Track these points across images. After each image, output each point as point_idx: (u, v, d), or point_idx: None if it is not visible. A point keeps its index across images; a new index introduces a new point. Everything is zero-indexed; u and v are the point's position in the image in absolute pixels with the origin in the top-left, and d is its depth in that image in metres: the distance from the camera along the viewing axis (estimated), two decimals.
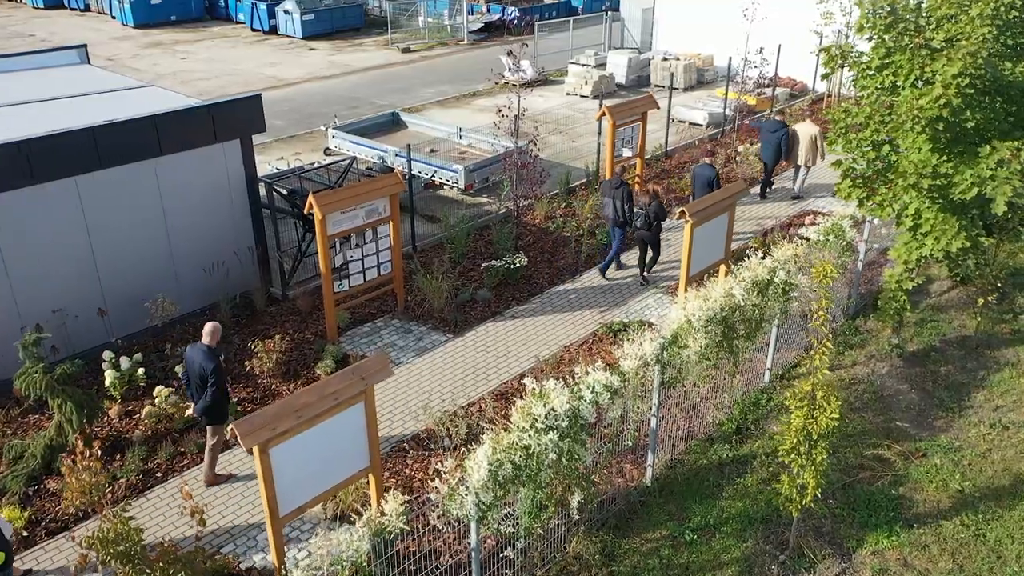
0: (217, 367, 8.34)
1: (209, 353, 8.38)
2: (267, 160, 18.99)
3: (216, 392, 8.33)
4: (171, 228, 11.39)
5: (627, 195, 12.93)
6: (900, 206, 9.73)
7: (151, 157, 10.92)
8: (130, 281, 11.04)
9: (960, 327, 11.85)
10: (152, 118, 10.86)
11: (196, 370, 8.40)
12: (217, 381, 8.29)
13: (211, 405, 8.41)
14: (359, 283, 11.64)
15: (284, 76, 28.63)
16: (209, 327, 8.51)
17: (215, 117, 11.46)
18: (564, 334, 11.88)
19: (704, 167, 14.37)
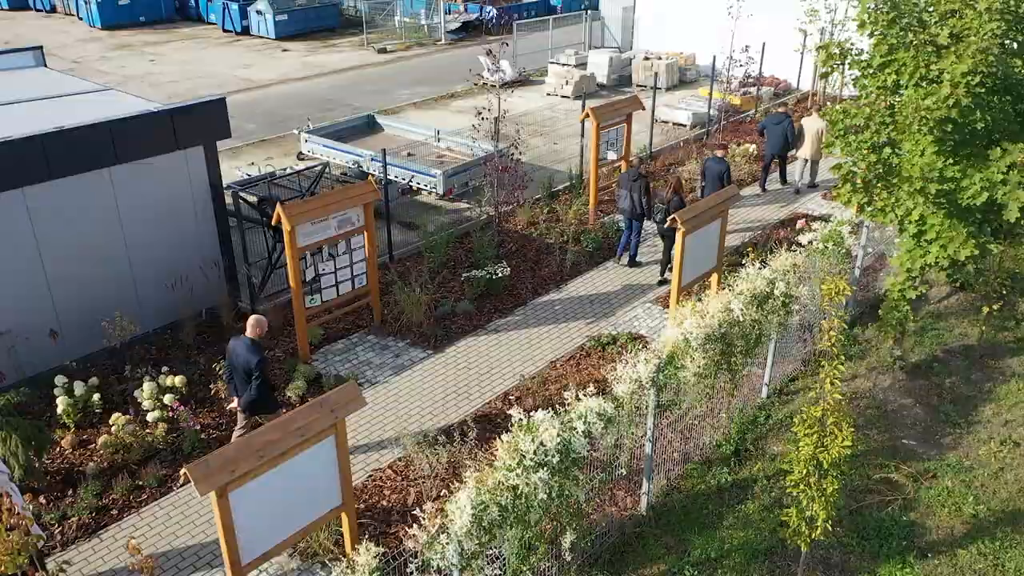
0: (262, 360, 8.21)
1: (253, 346, 8.25)
2: (237, 165, 18.28)
3: (261, 385, 8.24)
4: (130, 241, 10.67)
5: (645, 188, 12.80)
6: (903, 212, 9.22)
7: (106, 166, 10.20)
8: (85, 299, 10.31)
9: (962, 335, 11.37)
10: (107, 124, 10.14)
11: (240, 363, 8.27)
12: (262, 375, 8.20)
13: (256, 399, 8.32)
14: (332, 298, 10.97)
15: (257, 78, 27.85)
16: (253, 319, 8.40)
17: (176, 122, 10.75)
18: (550, 348, 11.28)
19: (716, 160, 14.07)
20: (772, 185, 17.01)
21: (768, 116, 17.44)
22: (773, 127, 16.28)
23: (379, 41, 33.26)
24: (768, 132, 16.42)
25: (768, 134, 16.42)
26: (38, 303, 9.95)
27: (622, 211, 13.31)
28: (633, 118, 15.52)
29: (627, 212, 13.14)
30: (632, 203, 12.92)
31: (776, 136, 16.21)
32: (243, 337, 8.36)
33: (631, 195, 12.89)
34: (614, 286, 12.99)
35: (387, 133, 19.33)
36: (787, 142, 16.27)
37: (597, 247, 14.08)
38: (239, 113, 23.22)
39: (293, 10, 34.14)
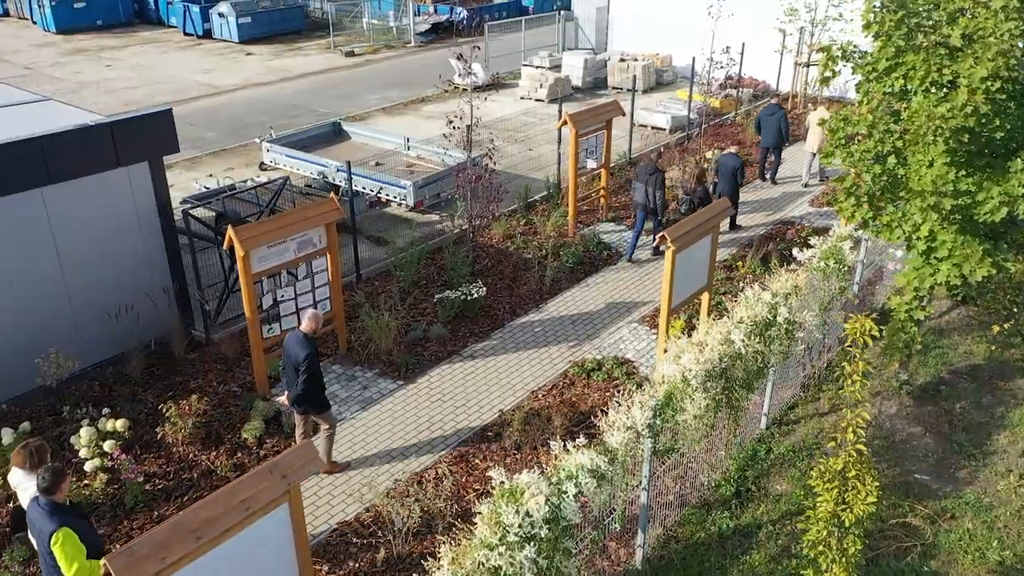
0: (310, 355, 8.00)
1: (304, 340, 8.09)
2: (195, 177, 17.28)
3: (309, 380, 8.03)
4: (67, 268, 9.69)
5: (660, 182, 12.80)
6: (911, 227, 8.51)
7: (38, 185, 9.22)
8: (16, 334, 9.32)
9: (967, 354, 10.71)
10: (38, 140, 9.15)
11: (292, 358, 8.11)
12: (309, 369, 7.98)
13: (302, 394, 8.12)
14: (293, 326, 10.04)
15: (218, 83, 26.73)
16: (310, 313, 8.31)
17: (117, 137, 9.78)
18: (531, 375, 10.45)
19: (729, 156, 13.86)
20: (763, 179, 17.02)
21: (762, 108, 17.16)
22: (767, 119, 16.12)
23: (347, 44, 32.25)
24: (762, 124, 16.31)
25: (763, 126, 16.30)
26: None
27: (636, 203, 13.31)
28: (612, 124, 14.76)
29: (641, 205, 13.10)
30: (647, 196, 12.92)
31: (771, 128, 16.09)
32: (297, 331, 8.26)
33: (646, 188, 12.89)
34: (597, 304, 12.19)
35: (354, 141, 18.39)
36: (781, 134, 16.11)
37: (578, 262, 13.29)
38: (199, 121, 22.20)
39: (257, 12, 33.00)
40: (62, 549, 5.82)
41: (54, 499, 6.01)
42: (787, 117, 16.32)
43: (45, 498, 6.00)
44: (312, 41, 33.62)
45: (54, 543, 5.84)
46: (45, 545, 5.93)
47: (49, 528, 5.89)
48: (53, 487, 5.98)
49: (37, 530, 6.05)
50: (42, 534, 5.96)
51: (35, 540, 6.28)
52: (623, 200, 15.93)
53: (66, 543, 5.81)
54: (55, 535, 5.84)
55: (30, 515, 6.15)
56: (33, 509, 6.09)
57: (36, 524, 6.05)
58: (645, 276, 13.03)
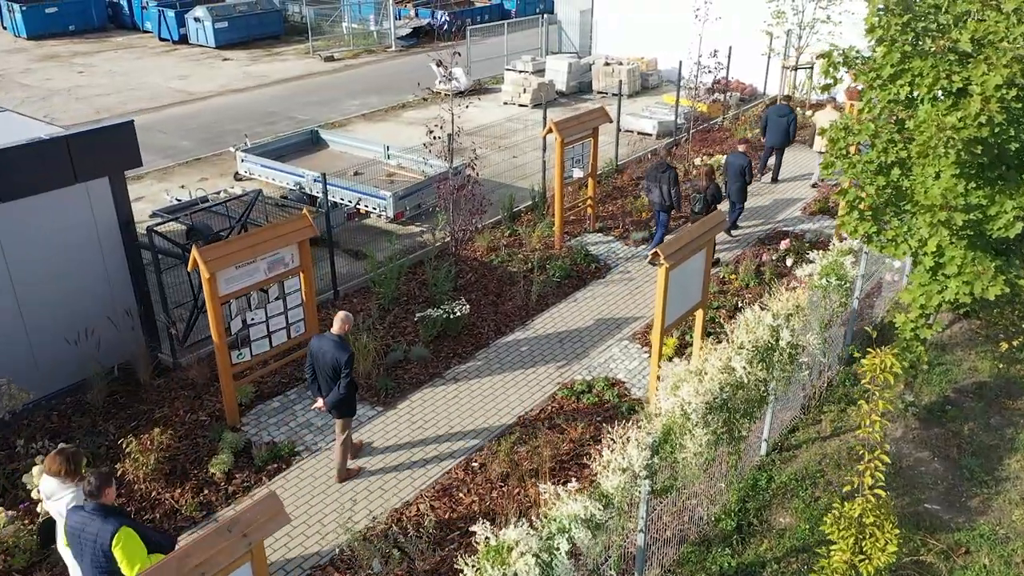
0: (352, 357, 8.02)
1: (341, 343, 8.03)
2: (167, 188, 16.65)
3: (350, 384, 7.99)
4: (21, 292, 9.07)
5: (674, 179, 12.91)
6: (917, 242, 8.05)
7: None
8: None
9: (972, 371, 10.28)
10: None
11: (329, 361, 7.98)
12: (351, 373, 7.96)
13: (344, 397, 8.05)
14: (264, 350, 9.48)
15: (194, 90, 26.05)
16: (341, 315, 8.17)
17: (74, 151, 9.16)
18: (517, 399, 9.92)
19: (737, 155, 13.81)
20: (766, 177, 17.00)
21: (771, 107, 16.92)
22: (776, 119, 16.05)
23: (326, 49, 31.62)
24: (770, 123, 16.21)
25: (770, 125, 16.22)
26: None
27: (652, 203, 13.45)
28: (599, 131, 14.26)
29: (657, 204, 13.22)
30: (662, 195, 12.98)
31: (778, 129, 16.04)
32: (328, 334, 8.11)
33: (660, 187, 12.95)
34: (585, 321, 11.68)
35: (332, 150, 17.81)
36: (788, 136, 16.12)
37: (565, 275, 12.77)
38: (172, 129, 21.54)
39: (234, 17, 32.31)
40: (124, 548, 5.63)
41: (103, 502, 5.80)
42: (796, 121, 16.39)
43: (94, 502, 5.78)
44: (291, 46, 32.97)
45: (115, 544, 5.63)
46: (103, 549, 5.67)
47: (108, 530, 5.67)
48: (100, 490, 5.80)
49: (90, 536, 5.74)
50: (99, 538, 5.69)
51: (78, 549, 5.89)
52: (610, 209, 15.44)
53: (128, 543, 5.64)
54: (116, 535, 5.64)
55: (72, 524, 5.85)
56: (77, 517, 5.83)
57: (86, 530, 5.76)
58: (635, 290, 12.54)
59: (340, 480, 8.51)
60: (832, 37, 20.77)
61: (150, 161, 18.97)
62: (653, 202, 13.35)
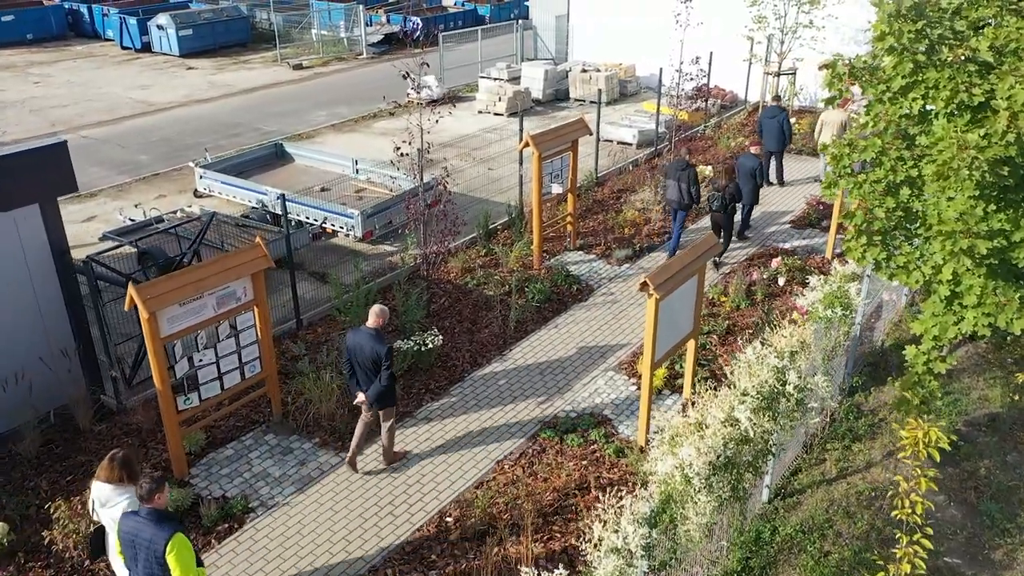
0: (391, 349, 8.04)
1: (378, 336, 8.03)
2: (121, 207, 15.66)
3: (390, 376, 8.02)
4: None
5: (693, 177, 12.75)
6: (931, 269, 7.33)
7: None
8: None
9: (982, 400, 9.60)
10: None
11: (368, 355, 8.00)
12: (391, 365, 7.99)
13: (385, 390, 8.07)
14: (215, 393, 8.58)
15: (155, 100, 25.03)
16: (376, 309, 8.17)
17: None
18: (495, 441, 9.09)
19: (748, 157, 13.63)
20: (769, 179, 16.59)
21: (764, 110, 16.51)
22: (768, 121, 15.88)
23: (295, 56, 30.68)
24: (764, 127, 15.87)
25: (765, 129, 15.87)
26: None
27: (670, 201, 13.20)
28: (579, 143, 13.48)
29: (675, 202, 13.02)
30: (680, 193, 12.82)
31: (772, 131, 15.76)
32: (364, 328, 8.11)
33: (679, 185, 12.79)
34: (568, 349, 10.88)
35: (298, 164, 16.93)
36: (784, 137, 15.92)
37: (545, 299, 11.98)
38: (131, 142, 20.55)
39: (198, 24, 31.27)
40: (178, 557, 5.51)
41: (156, 507, 5.68)
42: (789, 118, 16.07)
43: (148, 507, 5.65)
44: (258, 54, 32.00)
45: (169, 551, 5.50)
46: (157, 556, 5.55)
47: (163, 536, 5.54)
48: (153, 495, 5.67)
49: (143, 542, 5.62)
50: (152, 544, 5.56)
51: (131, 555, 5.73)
52: (591, 225, 14.68)
53: (182, 550, 5.53)
54: (170, 542, 5.51)
55: (126, 529, 5.73)
56: (130, 522, 5.70)
57: (139, 536, 5.64)
58: (620, 313, 11.77)
59: (388, 463, 8.60)
60: (815, 42, 20.32)
61: (105, 177, 18.02)
62: (670, 200, 13.12)
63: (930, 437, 4.86)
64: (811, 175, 17.27)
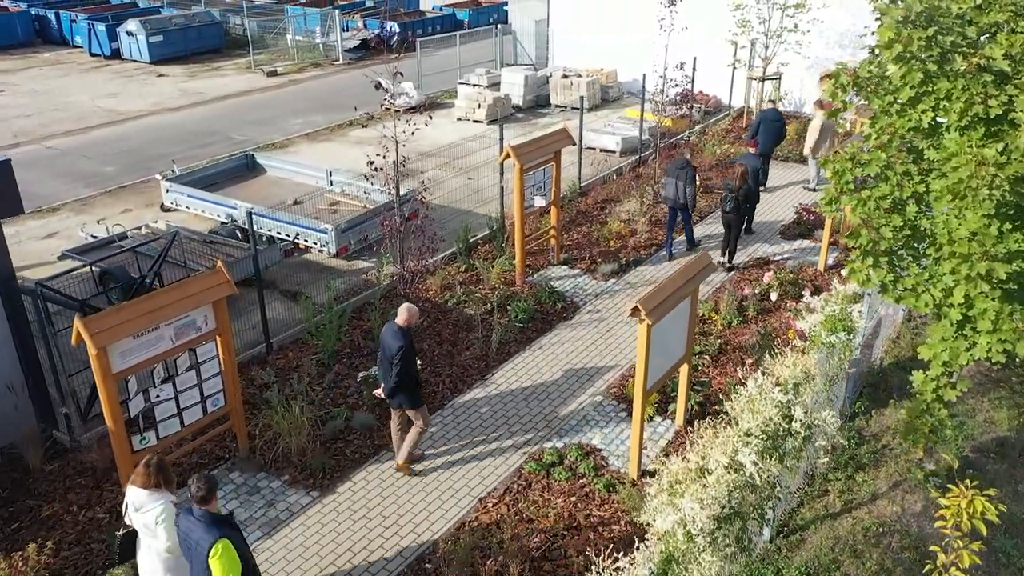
0: (402, 347, 7.84)
1: (398, 332, 7.93)
2: (84, 223, 14.95)
3: (401, 374, 7.88)
4: None
5: (690, 177, 12.73)
6: (941, 292, 6.85)
7: None
8: None
9: (988, 423, 9.16)
10: None
11: (386, 350, 7.98)
12: (402, 362, 7.83)
13: (396, 387, 7.97)
14: (175, 431, 7.95)
15: (124, 109, 24.25)
16: (406, 306, 8.11)
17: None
18: (477, 475, 8.52)
19: (748, 156, 13.43)
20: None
21: (765, 111, 16.20)
22: (771, 124, 15.77)
23: (269, 63, 29.96)
24: (764, 128, 15.69)
25: (764, 130, 15.67)
26: None
27: (666, 199, 13.21)
28: (562, 153, 12.95)
29: (671, 200, 13.02)
30: (676, 191, 12.81)
31: (771, 132, 15.77)
32: (392, 323, 8.07)
33: (676, 183, 12.79)
34: (553, 373, 10.34)
35: (270, 175, 16.28)
36: (779, 140, 16.12)
37: (529, 318, 11.42)
38: (97, 153, 19.80)
39: (169, 30, 30.47)
40: (220, 561, 5.50)
41: (209, 509, 5.69)
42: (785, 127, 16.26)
43: (201, 508, 5.67)
44: (232, 60, 31.23)
45: (213, 555, 5.51)
46: (202, 558, 5.54)
47: (209, 540, 5.55)
48: (209, 496, 5.69)
49: (194, 542, 5.65)
50: (199, 545, 5.58)
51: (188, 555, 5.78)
52: (575, 237, 14.16)
53: (224, 555, 5.51)
54: (214, 546, 5.52)
55: (182, 528, 5.77)
56: (186, 522, 5.73)
57: (191, 536, 5.67)
58: (607, 333, 11.24)
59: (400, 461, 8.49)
60: (800, 47, 19.94)
61: (69, 190, 17.29)
62: (667, 198, 13.15)
63: (975, 507, 4.35)
64: (798, 180, 16.87)
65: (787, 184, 16.74)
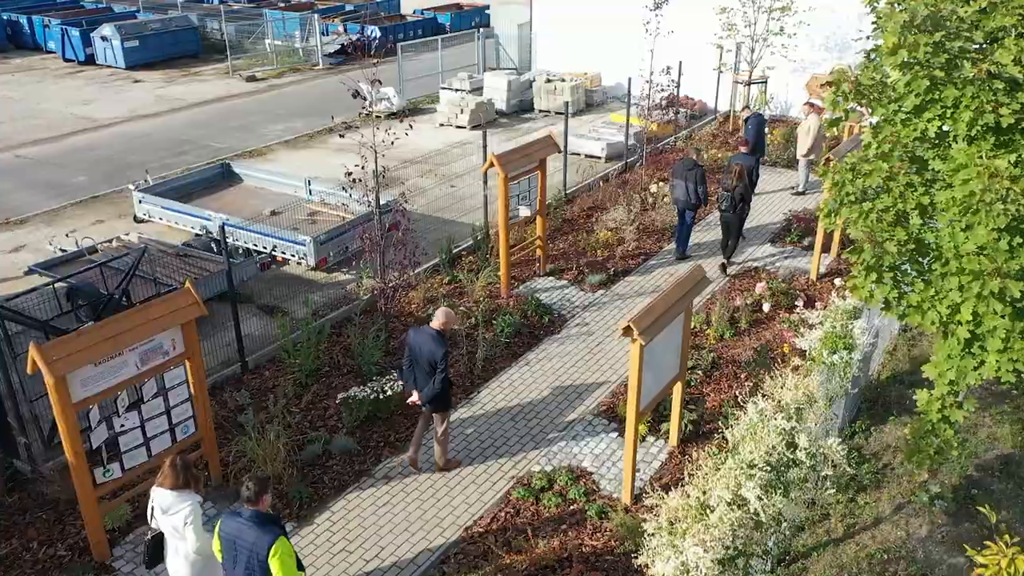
0: (447, 353, 7.87)
1: (439, 338, 7.90)
2: (53, 235, 14.45)
3: (444, 379, 7.89)
4: None
5: (701, 177, 12.67)
6: (948, 309, 6.53)
7: None
8: None
9: (991, 440, 8.85)
10: None
11: (426, 356, 7.88)
12: (446, 368, 7.82)
13: (439, 392, 7.93)
14: (141, 461, 7.50)
15: (98, 116, 23.68)
16: (442, 310, 8.06)
17: None
18: (463, 502, 8.12)
19: (742, 156, 13.02)
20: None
21: (753, 116, 16.08)
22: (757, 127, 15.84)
23: (248, 68, 29.44)
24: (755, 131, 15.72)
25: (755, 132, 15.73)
26: None
27: (676, 200, 13.08)
28: (547, 161, 12.57)
29: (682, 202, 12.93)
30: (687, 192, 12.71)
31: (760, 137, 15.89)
32: (427, 328, 8.00)
33: (686, 184, 12.69)
34: (541, 390, 9.95)
35: (247, 185, 15.81)
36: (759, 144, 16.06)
37: (515, 332, 11.04)
38: (70, 162, 19.26)
39: (145, 35, 29.88)
40: (281, 561, 5.44)
41: (259, 509, 5.61)
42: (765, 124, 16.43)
43: (251, 509, 5.59)
44: (209, 65, 30.69)
45: (273, 555, 5.44)
46: (260, 560, 5.47)
47: (267, 540, 5.47)
48: (259, 497, 5.60)
49: (245, 544, 5.54)
50: (255, 547, 5.49)
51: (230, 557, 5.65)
52: (561, 247, 13.80)
53: (285, 554, 5.47)
54: (274, 546, 5.45)
55: (227, 530, 5.64)
56: (233, 523, 5.61)
57: (241, 538, 5.55)
58: (596, 347, 10.87)
59: (440, 470, 8.46)
60: (786, 50, 19.70)
61: (39, 201, 16.76)
62: (677, 199, 13.00)
63: (1016, 567, 4.01)
64: (786, 186, 16.61)
65: (775, 190, 16.45)
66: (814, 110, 15.77)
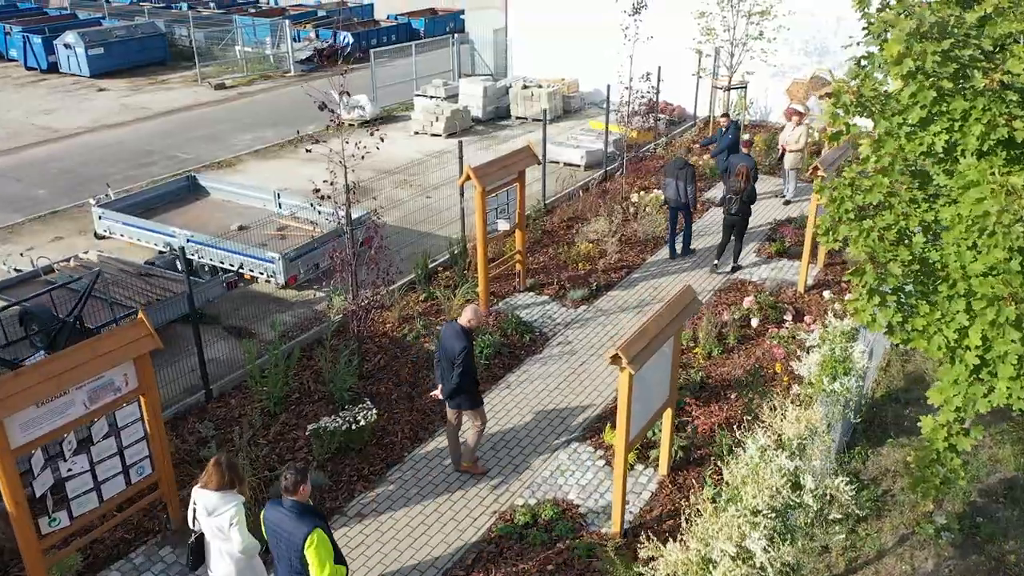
0: (465, 349, 7.72)
1: (461, 333, 7.79)
2: (8, 253, 13.75)
3: (463, 375, 7.79)
4: None
5: (690, 176, 12.75)
6: (955, 333, 6.13)
7: None
8: None
9: (993, 463, 8.49)
10: None
11: (448, 350, 7.83)
12: (464, 363, 7.73)
13: (456, 388, 7.87)
14: (91, 507, 6.92)
15: (60, 126, 22.91)
16: (470, 307, 7.95)
17: None
18: (441, 543, 7.60)
19: (741, 156, 13.10)
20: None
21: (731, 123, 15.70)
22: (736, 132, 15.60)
23: (217, 75, 28.74)
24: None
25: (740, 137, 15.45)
26: None
27: (668, 199, 13.18)
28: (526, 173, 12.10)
29: (673, 200, 12.99)
30: (677, 191, 12.78)
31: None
32: (454, 323, 7.91)
33: (677, 183, 12.76)
34: (523, 415, 9.47)
35: (214, 198, 15.19)
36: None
37: (495, 352, 10.56)
38: (29, 174, 18.52)
39: (110, 43, 29.08)
40: (316, 552, 5.47)
41: (299, 499, 5.63)
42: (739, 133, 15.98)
43: (291, 499, 5.62)
44: (177, 73, 29.95)
45: (308, 545, 5.48)
46: (296, 549, 5.52)
47: (303, 530, 5.51)
48: (297, 487, 5.61)
49: (284, 534, 5.60)
50: (292, 537, 5.54)
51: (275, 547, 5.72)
52: (541, 260, 13.34)
53: (320, 546, 5.49)
54: (310, 536, 5.48)
55: (270, 521, 5.71)
56: (275, 514, 5.68)
57: (281, 527, 5.63)
58: (579, 367, 10.41)
59: (463, 469, 8.39)
60: (766, 55, 19.40)
61: None
62: (668, 198, 13.11)
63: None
64: (768, 192, 16.26)
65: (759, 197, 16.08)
66: (798, 116, 15.45)
